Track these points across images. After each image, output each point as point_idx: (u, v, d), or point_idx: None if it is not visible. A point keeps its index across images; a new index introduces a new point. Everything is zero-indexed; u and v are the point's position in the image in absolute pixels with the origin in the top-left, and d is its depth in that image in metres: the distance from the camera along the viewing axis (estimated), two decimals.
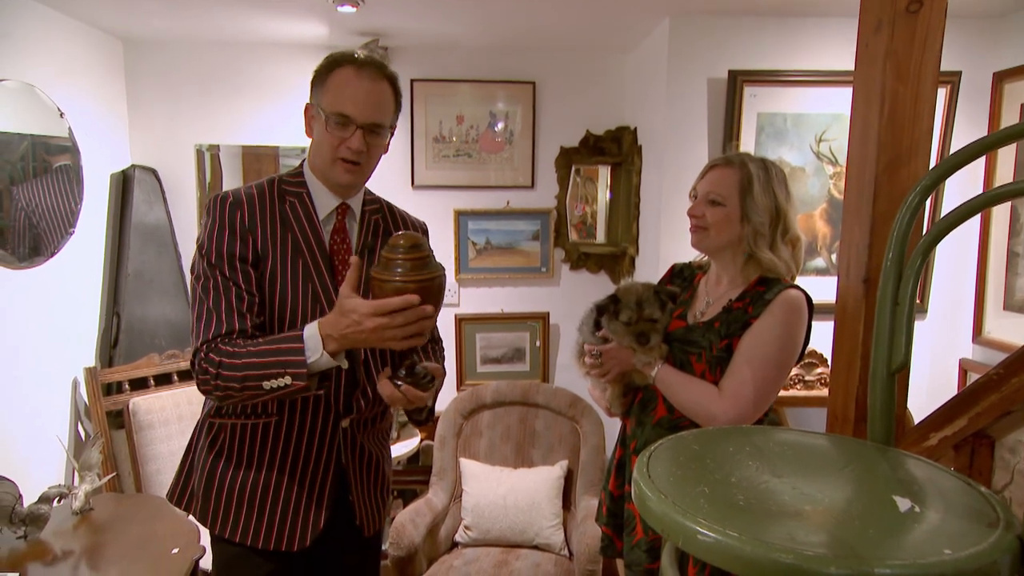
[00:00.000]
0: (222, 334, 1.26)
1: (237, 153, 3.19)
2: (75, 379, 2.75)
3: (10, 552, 1.99)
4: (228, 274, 1.28)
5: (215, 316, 1.27)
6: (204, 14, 2.69)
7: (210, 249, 1.29)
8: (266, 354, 1.20)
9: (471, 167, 3.29)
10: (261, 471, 1.36)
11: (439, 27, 2.88)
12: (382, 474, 1.53)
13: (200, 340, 1.27)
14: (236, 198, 1.32)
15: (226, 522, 1.37)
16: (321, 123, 1.32)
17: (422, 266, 1.17)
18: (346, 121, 1.30)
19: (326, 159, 1.33)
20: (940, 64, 1.32)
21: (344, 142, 1.30)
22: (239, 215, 1.30)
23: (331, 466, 1.40)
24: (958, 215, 0.91)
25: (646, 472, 0.82)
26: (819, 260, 2.76)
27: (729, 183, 1.48)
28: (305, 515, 1.38)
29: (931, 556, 0.64)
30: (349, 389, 1.40)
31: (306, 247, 1.34)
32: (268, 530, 1.36)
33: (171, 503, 1.47)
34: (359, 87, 1.31)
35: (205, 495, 1.39)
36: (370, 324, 1.15)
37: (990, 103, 2.64)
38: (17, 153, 2.41)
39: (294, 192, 1.37)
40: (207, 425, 1.41)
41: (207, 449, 1.40)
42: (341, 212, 1.40)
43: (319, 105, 1.32)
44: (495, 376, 3.35)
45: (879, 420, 0.98)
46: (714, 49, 2.63)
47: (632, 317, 1.48)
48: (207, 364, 1.24)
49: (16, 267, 2.40)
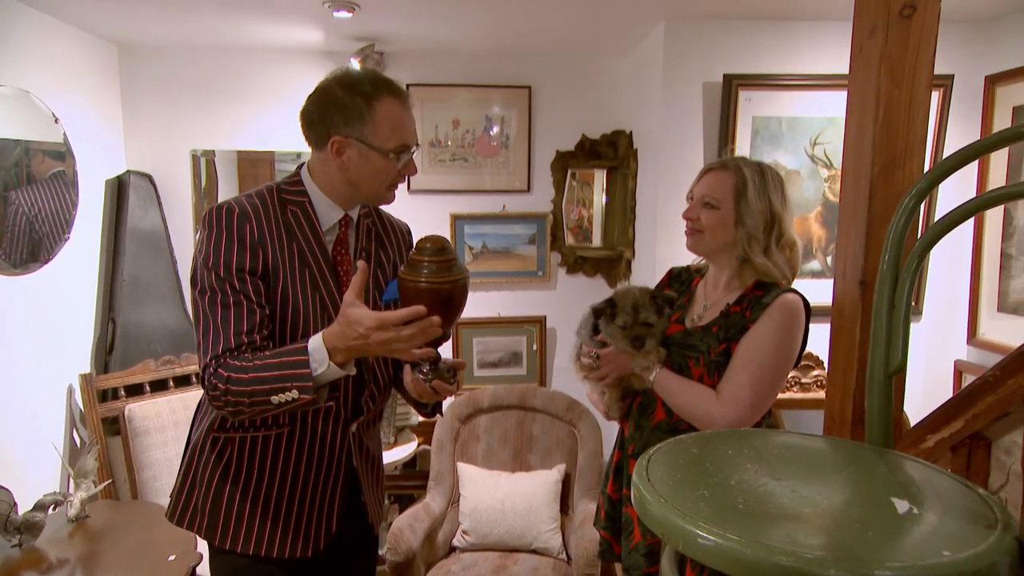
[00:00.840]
0: (231, 348, 1.23)
1: (233, 158, 3.19)
2: (70, 385, 2.74)
3: (5, 560, 1.98)
4: (238, 287, 1.25)
5: (223, 332, 1.24)
6: (199, 19, 2.68)
7: (217, 262, 1.25)
8: (272, 367, 1.19)
9: (467, 171, 3.29)
10: (274, 482, 1.36)
11: (435, 32, 2.88)
12: (381, 469, 1.57)
13: (209, 356, 1.23)
14: (242, 210, 1.29)
15: (237, 536, 1.35)
16: (373, 159, 1.32)
17: (447, 268, 1.20)
18: (406, 150, 1.35)
19: (380, 188, 1.37)
20: (934, 68, 1.33)
21: (403, 170, 1.37)
22: (248, 228, 1.28)
23: (342, 470, 1.41)
24: (953, 218, 0.92)
25: (645, 475, 0.82)
26: (815, 263, 2.77)
27: (724, 187, 1.48)
28: (319, 521, 1.39)
29: (930, 558, 0.64)
30: (357, 393, 1.41)
31: (311, 257, 1.34)
32: (283, 539, 1.36)
33: (171, 522, 1.42)
34: (408, 116, 1.36)
35: (213, 511, 1.36)
36: (376, 338, 1.15)
37: (982, 106, 2.66)
38: (11, 159, 2.41)
39: (295, 201, 1.36)
40: (210, 440, 1.37)
41: (212, 464, 1.36)
42: (344, 223, 1.41)
43: (367, 143, 1.31)
44: (492, 380, 3.34)
45: (876, 422, 0.99)
46: (709, 53, 2.64)
47: (628, 321, 1.49)
48: (216, 380, 1.21)
49: (11, 273, 2.39)
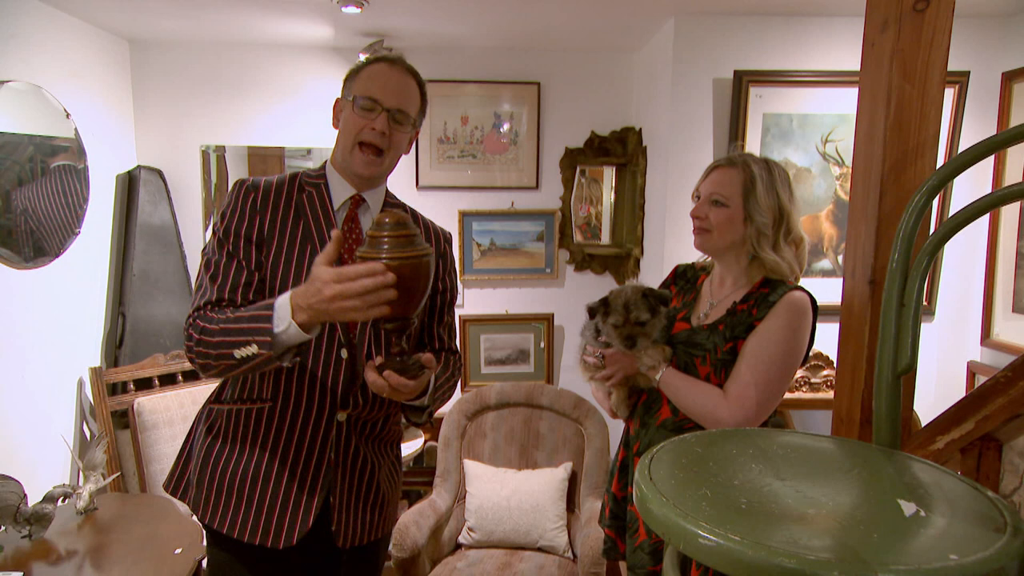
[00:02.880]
0: (212, 301, 1.28)
1: (243, 154, 3.20)
2: (80, 379, 2.76)
3: (15, 551, 2.00)
4: (231, 250, 1.32)
5: (209, 287, 1.30)
6: (210, 15, 2.69)
7: (219, 227, 1.35)
8: (239, 321, 1.21)
9: (476, 168, 3.29)
10: (253, 457, 1.36)
11: (444, 27, 2.88)
12: (375, 486, 1.45)
13: (193, 306, 1.30)
14: (254, 183, 1.38)
15: (216, 512, 1.37)
16: (347, 110, 1.37)
17: (407, 244, 1.15)
18: (373, 105, 1.34)
19: (348, 145, 1.37)
20: (947, 63, 1.30)
21: (369, 123, 1.35)
22: (252, 197, 1.35)
23: (323, 462, 1.38)
24: (965, 216, 0.90)
25: (648, 474, 0.81)
26: (825, 261, 2.74)
27: (732, 184, 1.46)
28: (294, 511, 1.35)
29: (937, 562, 0.63)
30: (348, 382, 1.38)
31: (317, 234, 1.37)
32: (255, 523, 1.35)
33: (167, 492, 1.48)
34: (389, 76, 1.37)
35: (199, 483, 1.40)
36: (328, 292, 1.11)
37: (999, 103, 2.62)
38: (25, 154, 2.43)
39: (313, 184, 1.41)
40: (207, 411, 1.43)
41: (204, 434, 1.42)
42: (355, 202, 1.42)
43: (348, 97, 1.38)
44: (499, 377, 3.34)
45: (885, 423, 0.97)
46: (719, 49, 2.62)
47: (619, 320, 1.48)
48: (191, 330, 1.27)
49: (22, 267, 2.41)
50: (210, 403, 1.43)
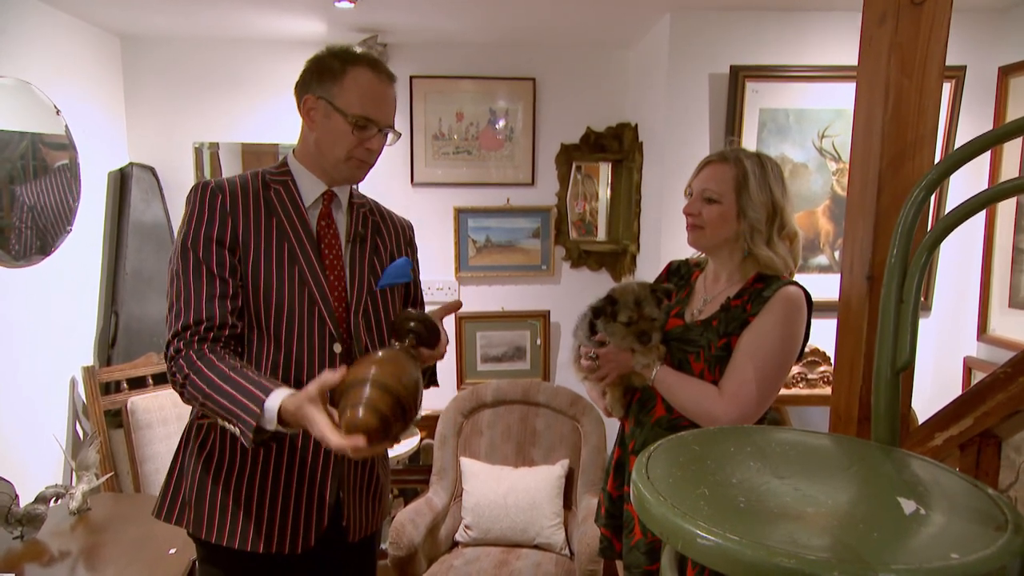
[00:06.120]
0: (191, 324, 1.24)
1: (236, 151, 3.18)
2: (73, 378, 2.74)
3: (7, 553, 1.98)
4: (202, 256, 1.26)
5: (185, 306, 1.25)
6: (202, 11, 2.67)
7: (187, 232, 1.28)
8: (227, 395, 1.16)
9: (471, 164, 3.27)
10: (258, 467, 1.32)
11: (438, 23, 2.86)
12: (376, 477, 1.48)
13: (171, 332, 1.25)
14: (218, 184, 1.32)
15: (223, 529, 1.32)
16: (335, 121, 1.32)
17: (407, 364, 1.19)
18: (368, 123, 1.32)
19: (338, 156, 1.34)
20: (945, 57, 1.30)
21: (363, 143, 1.33)
22: (219, 199, 1.30)
23: (330, 464, 1.36)
24: (963, 211, 0.89)
25: (645, 473, 0.80)
26: (822, 257, 2.73)
27: (724, 179, 1.45)
28: (308, 511, 1.34)
29: (937, 560, 0.62)
30: None
31: (291, 231, 1.33)
32: (269, 533, 1.32)
33: (159, 519, 1.38)
34: (380, 91, 1.34)
35: (198, 503, 1.33)
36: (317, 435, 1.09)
37: (996, 98, 2.61)
38: (16, 151, 2.40)
39: (278, 180, 1.38)
40: (195, 428, 1.36)
41: (196, 454, 1.35)
42: (327, 198, 1.40)
43: (332, 103, 1.32)
44: (495, 375, 3.33)
45: (883, 420, 0.96)
46: (715, 44, 2.61)
47: (632, 317, 1.46)
48: (175, 369, 1.22)
49: (13, 265, 2.39)
50: (197, 419, 1.36)
